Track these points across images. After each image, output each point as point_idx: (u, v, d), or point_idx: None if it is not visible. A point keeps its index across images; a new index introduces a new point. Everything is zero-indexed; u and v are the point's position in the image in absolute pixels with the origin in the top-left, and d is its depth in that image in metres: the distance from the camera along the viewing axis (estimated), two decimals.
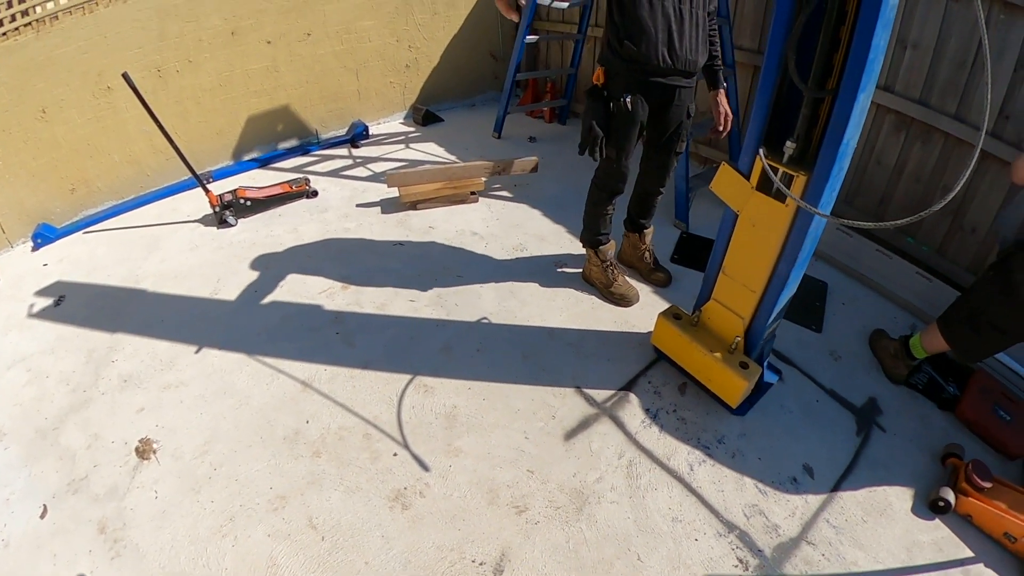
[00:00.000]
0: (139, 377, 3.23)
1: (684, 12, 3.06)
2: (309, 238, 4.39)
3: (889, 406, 3.25)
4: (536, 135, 6.35)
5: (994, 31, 3.69)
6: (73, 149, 4.65)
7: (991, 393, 3.22)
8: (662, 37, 3.04)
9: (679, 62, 3.11)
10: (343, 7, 5.81)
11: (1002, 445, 3.06)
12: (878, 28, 2.06)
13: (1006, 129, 3.78)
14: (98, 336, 3.53)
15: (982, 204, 3.96)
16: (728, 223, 2.87)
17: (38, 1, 4.28)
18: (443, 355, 3.32)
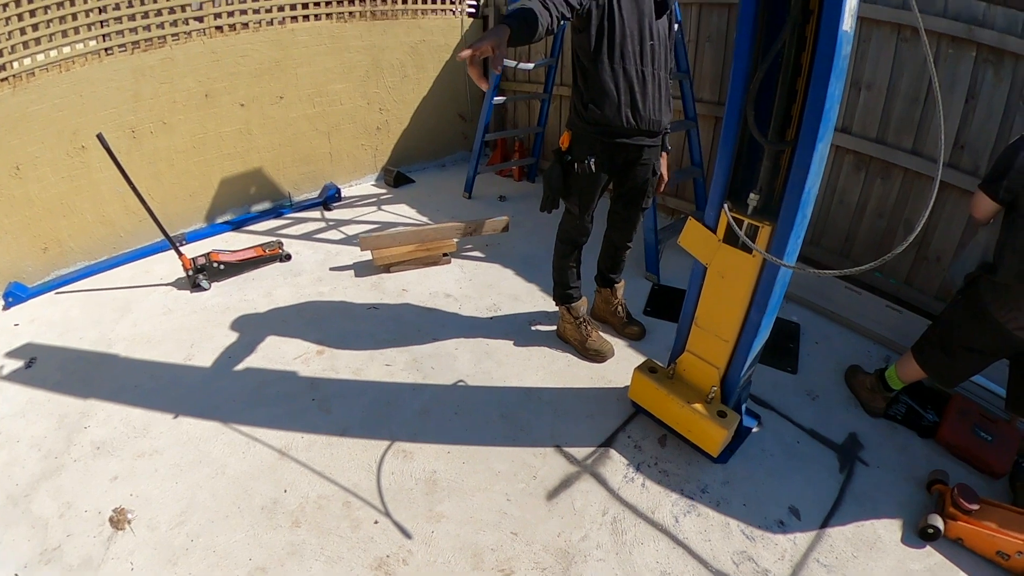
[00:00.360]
0: (112, 444, 3.18)
1: (646, 74, 3.15)
2: (283, 302, 4.39)
3: (870, 440, 3.31)
4: (506, 194, 6.46)
5: (944, 65, 3.88)
6: (46, 208, 4.67)
7: (970, 415, 3.28)
8: (625, 99, 3.13)
9: (643, 123, 3.20)
10: (314, 71, 5.92)
11: (986, 465, 3.11)
12: (832, 79, 2.14)
13: (962, 159, 3.96)
14: (70, 401, 3.49)
15: (944, 233, 4.12)
16: (697, 276, 2.94)
17: (14, 56, 4.32)
18: (421, 419, 3.31)
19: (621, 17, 3.02)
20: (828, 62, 2.12)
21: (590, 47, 3.07)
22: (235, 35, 5.36)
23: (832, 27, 2.08)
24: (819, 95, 2.19)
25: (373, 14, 6.24)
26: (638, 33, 3.08)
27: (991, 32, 3.70)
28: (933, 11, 3.88)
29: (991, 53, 3.74)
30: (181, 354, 3.86)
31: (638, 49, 3.10)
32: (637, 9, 3.07)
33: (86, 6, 4.57)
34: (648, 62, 3.14)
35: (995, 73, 3.74)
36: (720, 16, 5.07)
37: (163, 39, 4.98)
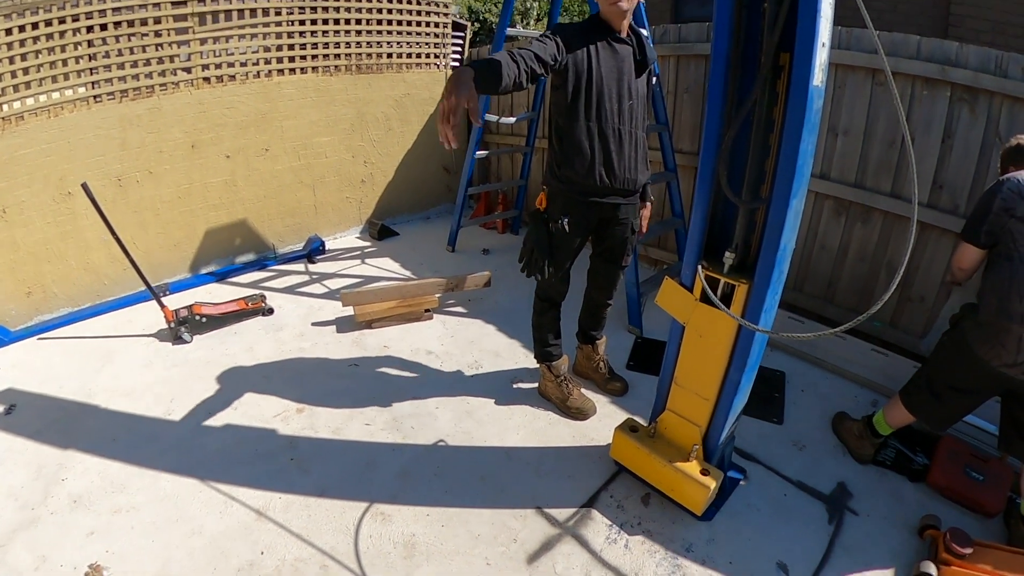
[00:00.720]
0: (90, 498, 3.15)
1: (623, 132, 3.18)
2: (264, 357, 4.39)
3: (859, 488, 3.30)
4: (490, 247, 6.51)
5: (919, 106, 3.98)
6: (31, 252, 4.69)
7: (960, 456, 3.27)
8: (600, 158, 3.16)
9: (617, 181, 3.22)
10: (300, 123, 5.99)
11: (979, 505, 3.12)
12: (804, 134, 2.17)
13: (941, 198, 4.04)
14: (48, 451, 3.47)
15: (927, 273, 4.19)
16: (676, 334, 2.94)
17: (4, 99, 4.36)
18: (400, 481, 3.29)
19: (600, 75, 3.06)
20: (800, 117, 2.16)
21: (566, 104, 3.11)
22: (222, 86, 5.43)
23: (803, 83, 2.13)
24: (792, 150, 2.22)
25: (358, 68, 6.34)
26: (616, 91, 3.12)
27: (965, 71, 3.82)
28: (906, 54, 4.01)
29: (966, 92, 3.85)
30: (161, 408, 3.84)
31: (615, 108, 3.14)
32: (616, 68, 3.11)
33: (76, 52, 4.65)
34: (625, 121, 3.18)
35: (970, 111, 3.85)
36: (697, 67, 5.18)
37: (151, 88, 5.06)
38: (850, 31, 4.25)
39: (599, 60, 3.05)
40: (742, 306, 2.58)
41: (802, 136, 2.18)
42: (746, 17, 2.37)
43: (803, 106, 2.15)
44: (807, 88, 2.12)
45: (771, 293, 2.51)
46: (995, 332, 2.76)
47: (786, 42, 2.20)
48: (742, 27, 2.38)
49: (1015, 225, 2.72)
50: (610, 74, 3.09)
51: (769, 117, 2.38)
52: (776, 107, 2.36)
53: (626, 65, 3.14)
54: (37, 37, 4.47)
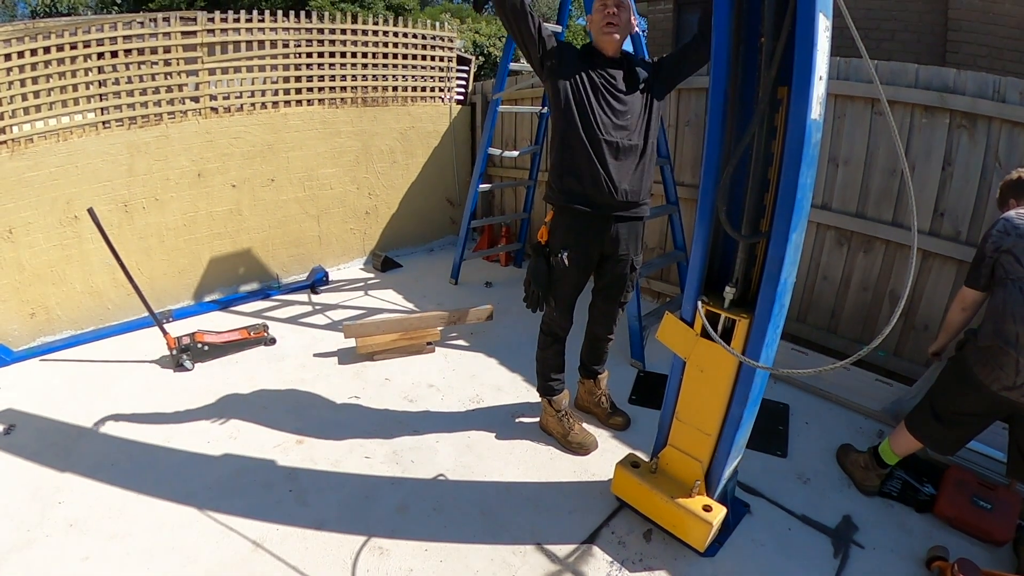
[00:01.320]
0: (86, 523, 3.12)
1: (619, 143, 3.21)
2: (265, 387, 4.38)
3: (865, 520, 3.26)
4: (493, 280, 6.53)
5: (919, 134, 4.01)
6: (36, 274, 4.73)
7: (967, 485, 3.25)
8: (598, 166, 3.18)
9: (618, 193, 3.22)
10: (306, 155, 6.04)
11: (987, 534, 3.09)
12: (803, 167, 2.18)
13: (943, 226, 4.06)
14: (46, 473, 3.46)
15: (930, 301, 4.19)
16: (677, 369, 2.93)
17: (15, 121, 4.41)
18: (399, 515, 3.25)
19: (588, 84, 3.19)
20: (798, 151, 2.18)
21: (560, 111, 3.21)
22: (229, 117, 5.50)
23: (801, 117, 2.15)
24: (791, 184, 2.23)
25: (364, 100, 6.41)
26: (607, 102, 3.20)
27: (963, 98, 3.86)
28: (905, 82, 4.06)
29: (964, 118, 3.89)
30: (161, 435, 3.82)
31: (608, 120, 3.19)
32: (607, 81, 3.23)
33: (87, 78, 4.72)
34: (621, 132, 3.22)
35: (970, 137, 3.89)
36: (698, 100, 5.26)
37: (159, 117, 5.13)
38: (848, 61, 4.31)
39: (588, 71, 3.20)
40: (743, 341, 2.58)
41: (800, 170, 2.20)
42: (744, 52, 2.41)
43: (801, 140, 2.17)
44: (805, 122, 2.15)
45: (772, 327, 2.50)
46: (993, 355, 2.79)
47: (784, 76, 2.23)
48: (740, 62, 2.42)
49: (1004, 258, 2.83)
50: (599, 85, 3.20)
51: (768, 151, 2.40)
52: (775, 141, 2.39)
53: (616, 81, 3.24)
54: (49, 61, 4.56)
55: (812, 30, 2.09)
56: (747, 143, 2.33)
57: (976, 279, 2.97)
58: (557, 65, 3.20)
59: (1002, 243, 2.85)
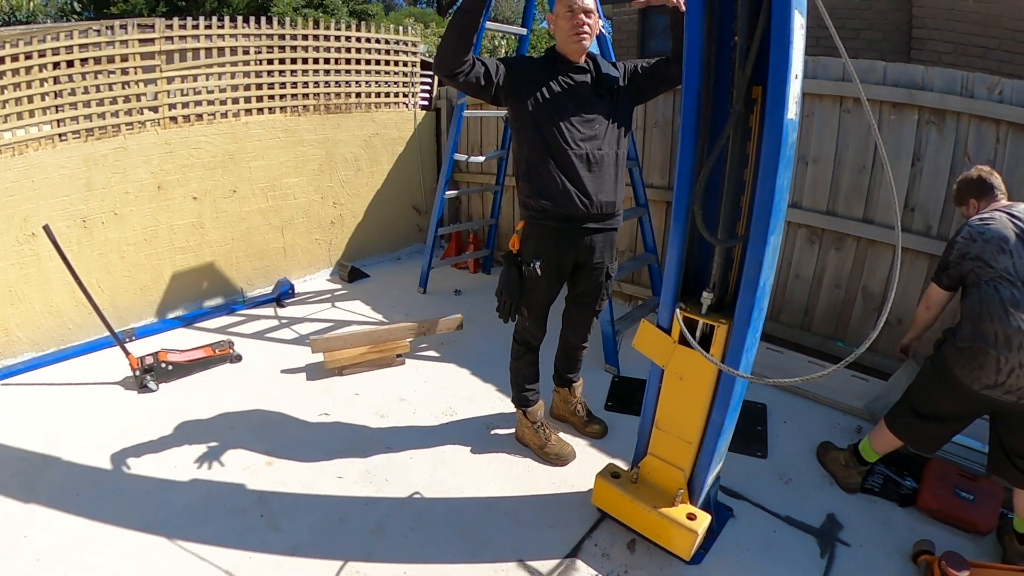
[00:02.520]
0: (53, 556, 2.99)
1: (591, 155, 3.12)
2: (232, 407, 4.25)
3: (849, 518, 3.25)
4: (462, 287, 6.45)
5: (887, 130, 4.04)
6: None
7: (949, 477, 3.26)
8: (571, 182, 3.10)
9: (594, 205, 3.15)
10: (268, 164, 5.92)
11: (971, 525, 3.11)
12: (780, 169, 2.14)
13: (914, 220, 4.09)
14: (11, 505, 3.32)
15: (902, 295, 4.18)
16: (655, 378, 2.88)
17: None
18: (375, 537, 3.15)
19: (555, 99, 3.08)
20: (775, 152, 2.14)
21: (529, 132, 3.11)
22: (189, 127, 5.37)
23: (777, 117, 2.11)
24: (768, 186, 2.19)
25: (327, 107, 6.31)
26: (577, 113, 3.10)
27: (931, 94, 3.90)
28: (874, 79, 4.08)
29: (933, 114, 3.92)
30: (126, 461, 3.70)
31: (577, 132, 3.09)
32: (574, 91, 3.12)
33: (43, 89, 4.56)
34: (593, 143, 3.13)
35: (939, 133, 3.92)
36: (666, 102, 5.23)
37: (117, 128, 4.99)
38: (816, 59, 4.30)
39: (550, 83, 3.08)
40: (722, 347, 2.55)
41: (778, 171, 2.15)
42: (716, 51, 2.36)
43: (778, 141, 2.12)
44: (782, 122, 2.10)
45: (751, 332, 2.46)
46: (974, 355, 2.80)
47: (758, 76, 2.18)
48: (713, 61, 2.37)
49: (972, 264, 2.87)
50: (566, 97, 3.09)
51: (743, 152, 2.35)
52: (750, 142, 2.35)
53: (583, 88, 3.13)
54: (3, 72, 4.40)
55: (788, 28, 2.04)
56: (722, 145, 2.28)
57: (940, 279, 3.05)
58: (513, 87, 3.07)
59: (969, 250, 2.90)
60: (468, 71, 2.87)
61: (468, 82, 2.92)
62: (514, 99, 3.09)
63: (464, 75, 2.87)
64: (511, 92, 3.07)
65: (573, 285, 3.55)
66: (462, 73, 2.86)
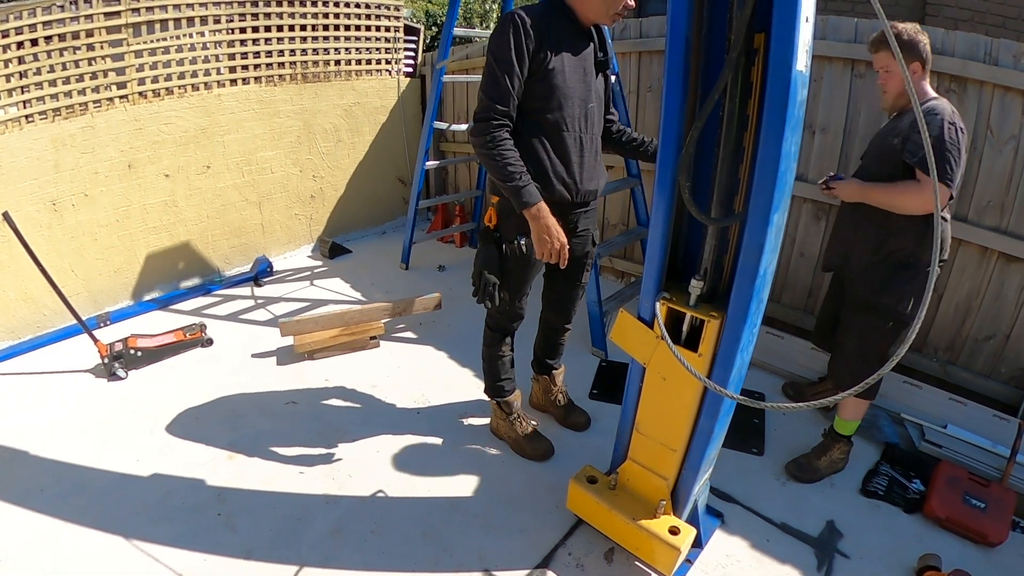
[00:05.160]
0: (15, 557, 2.88)
1: (584, 139, 2.87)
2: (199, 395, 4.10)
3: (850, 525, 3.05)
4: (446, 262, 6.27)
5: None
6: None
7: (959, 483, 3.09)
8: (561, 169, 2.84)
9: (578, 195, 2.91)
10: (242, 138, 5.73)
11: (981, 536, 2.93)
12: (787, 132, 1.80)
13: None
14: None
15: None
16: (636, 376, 2.58)
17: None
18: (333, 539, 2.99)
19: (564, 74, 2.72)
20: (781, 111, 1.78)
21: (525, 109, 2.76)
22: (159, 101, 5.17)
23: (784, 68, 1.75)
24: (772, 153, 1.83)
25: (304, 76, 6.08)
26: (579, 93, 2.80)
27: (952, 59, 3.61)
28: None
29: (953, 82, 3.65)
30: (91, 454, 3.57)
31: (577, 112, 2.81)
32: (581, 66, 2.79)
33: (6, 71, 4.37)
34: (587, 126, 2.87)
35: (959, 102, 3.61)
36: (660, 64, 4.83)
37: (84, 106, 4.79)
38: (825, 19, 4.01)
39: (565, 56, 2.72)
40: (713, 345, 2.24)
41: (784, 135, 1.79)
42: None
43: (785, 97, 1.76)
44: (790, 74, 1.74)
45: (748, 328, 2.14)
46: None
47: (761, 21, 1.81)
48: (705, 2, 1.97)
49: None
50: (574, 73, 2.76)
51: (743, 113, 1.97)
52: (750, 101, 1.96)
53: (588, 63, 2.83)
54: None
55: None
56: (716, 101, 1.90)
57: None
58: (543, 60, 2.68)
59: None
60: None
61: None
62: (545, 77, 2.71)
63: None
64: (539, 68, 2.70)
65: None
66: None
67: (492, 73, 2.66)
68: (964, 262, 3.83)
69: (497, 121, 2.66)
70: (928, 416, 3.73)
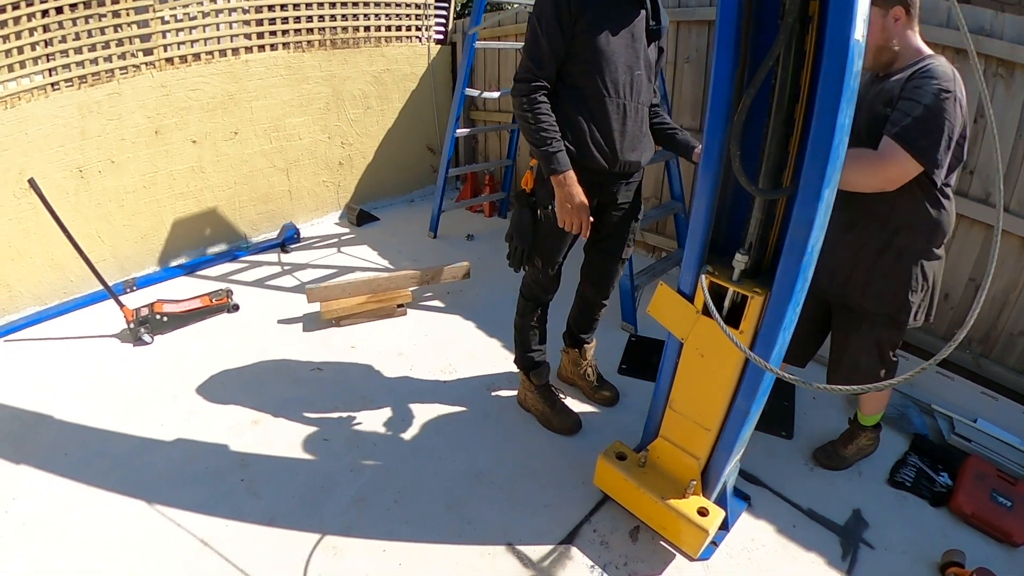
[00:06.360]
0: (37, 521, 2.87)
1: (627, 107, 2.76)
2: (224, 361, 4.08)
3: (876, 515, 2.94)
4: (475, 232, 6.19)
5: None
6: None
7: (987, 479, 2.98)
8: (600, 137, 2.75)
9: (617, 165, 2.82)
10: (271, 104, 5.67)
11: (1006, 535, 2.80)
12: (843, 103, 1.70)
13: (971, 185, 3.65)
14: (2, 467, 3.21)
15: (953, 267, 3.74)
16: (672, 351, 2.50)
17: None
18: (356, 508, 2.95)
19: (609, 38, 2.62)
20: (838, 83, 1.68)
21: (567, 72, 2.69)
22: (186, 67, 5.11)
23: (842, 37, 1.65)
24: (827, 124, 1.73)
25: (333, 43, 5.99)
26: (625, 59, 2.69)
27: (1000, 42, 3.39)
28: (936, 21, 3.57)
29: (1001, 66, 3.44)
30: (115, 418, 3.56)
31: (622, 79, 2.71)
32: (629, 32, 2.68)
33: (32, 39, 4.33)
34: (632, 93, 2.76)
35: (1006, 88, 3.44)
36: (699, 34, 4.76)
37: (111, 73, 4.74)
38: None
39: (610, 20, 2.62)
40: (755, 323, 2.14)
41: (840, 106, 1.69)
42: None
43: (842, 67, 1.66)
44: (847, 43, 1.64)
45: (792, 306, 2.04)
46: None
47: None
48: None
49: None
50: (620, 38, 2.65)
51: (795, 83, 1.87)
52: (803, 70, 1.86)
53: (637, 30, 2.71)
54: None
55: None
56: (769, 67, 1.80)
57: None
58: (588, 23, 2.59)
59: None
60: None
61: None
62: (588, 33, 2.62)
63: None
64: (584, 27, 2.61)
65: (595, 229, 3.08)
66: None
67: (534, 34, 2.62)
68: (1003, 254, 3.64)
69: (536, 83, 2.64)
70: (959, 409, 3.61)
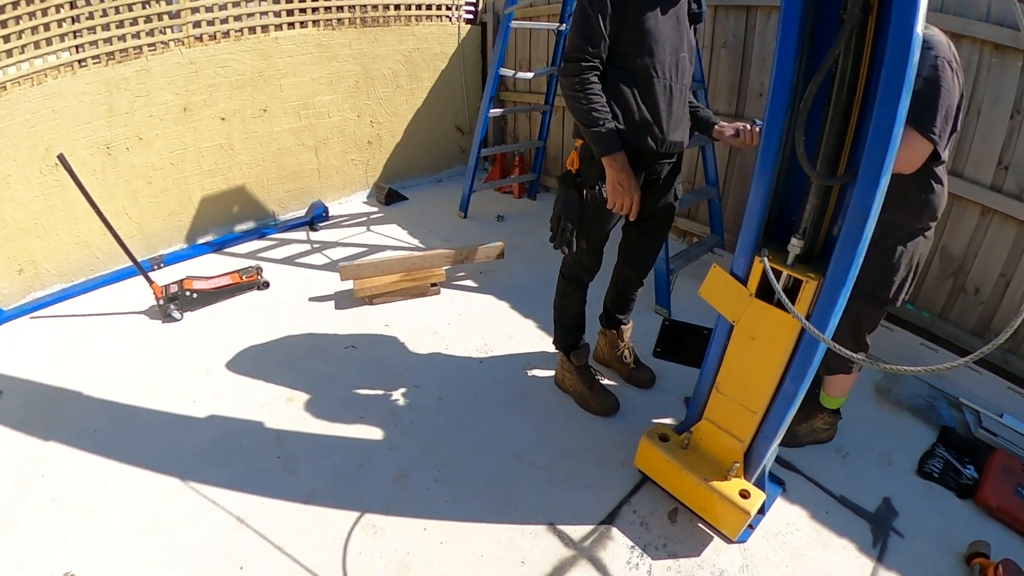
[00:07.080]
0: (66, 498, 2.84)
1: (674, 88, 2.75)
2: (256, 338, 4.04)
3: (905, 504, 2.89)
4: (504, 213, 6.12)
5: (987, 75, 3.52)
6: (20, 228, 4.41)
7: (1013, 473, 2.95)
8: (648, 117, 2.72)
9: (664, 145, 2.78)
10: (300, 82, 5.62)
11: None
12: (903, 94, 1.71)
13: (1006, 180, 3.55)
14: (31, 443, 3.18)
15: (984, 262, 3.70)
16: (722, 333, 2.48)
17: None
18: (396, 486, 2.91)
19: (657, 18, 2.61)
20: (900, 73, 1.69)
21: (616, 53, 2.67)
22: (215, 44, 5.06)
23: (905, 28, 1.65)
24: (887, 114, 1.74)
25: (363, 21, 5.93)
26: (671, 41, 2.68)
27: None
28: (975, 15, 3.47)
29: None
30: (146, 395, 3.53)
31: (668, 60, 2.69)
32: (675, 13, 2.67)
33: (59, 16, 4.29)
34: (678, 75, 2.75)
35: None
36: (737, 19, 4.65)
37: (139, 49, 4.70)
38: None
39: (659, 3, 2.61)
40: (808, 307, 2.13)
41: (900, 97, 1.70)
42: None
43: (904, 58, 1.66)
44: (910, 34, 1.64)
45: (845, 292, 2.03)
46: None
47: None
48: None
49: None
50: (667, 19, 2.65)
51: (854, 73, 1.87)
52: (861, 60, 1.85)
53: (681, 12, 2.71)
54: (17, 2, 4.12)
55: None
56: (836, 55, 1.80)
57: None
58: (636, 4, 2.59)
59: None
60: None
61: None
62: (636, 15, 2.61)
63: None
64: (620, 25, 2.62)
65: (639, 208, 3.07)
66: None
67: (584, 14, 2.61)
68: None
69: (587, 63, 2.63)
70: (986, 403, 3.56)
